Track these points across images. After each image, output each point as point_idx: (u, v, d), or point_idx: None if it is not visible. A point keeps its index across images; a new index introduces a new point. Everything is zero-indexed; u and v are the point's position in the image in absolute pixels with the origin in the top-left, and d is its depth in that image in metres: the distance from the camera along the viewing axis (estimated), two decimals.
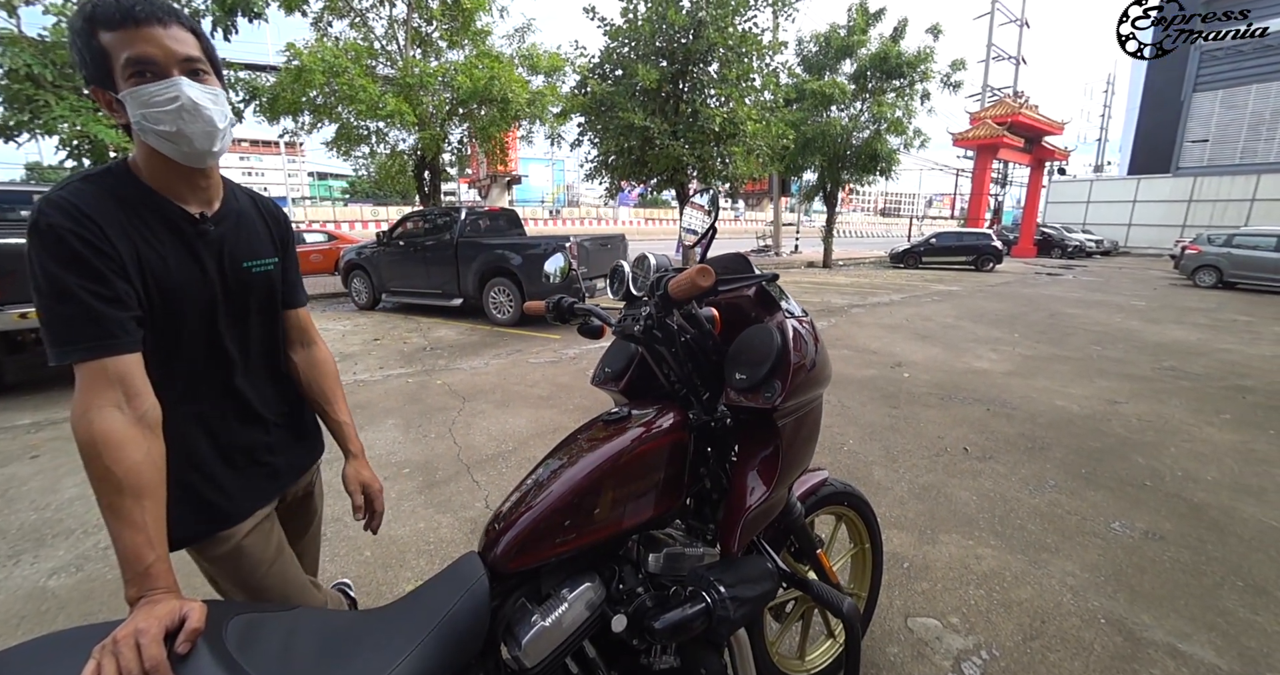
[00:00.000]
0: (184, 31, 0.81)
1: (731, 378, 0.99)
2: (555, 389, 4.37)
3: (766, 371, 0.93)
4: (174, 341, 0.88)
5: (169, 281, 0.85)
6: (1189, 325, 7.53)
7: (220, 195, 0.95)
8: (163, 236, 0.84)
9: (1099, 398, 4.32)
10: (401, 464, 3.01)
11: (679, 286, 0.88)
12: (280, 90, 7.99)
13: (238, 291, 0.95)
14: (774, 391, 0.92)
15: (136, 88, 0.77)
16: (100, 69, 0.77)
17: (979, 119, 19.26)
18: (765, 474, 0.99)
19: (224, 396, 0.97)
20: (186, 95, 0.80)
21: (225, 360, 0.96)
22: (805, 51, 14.15)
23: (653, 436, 0.98)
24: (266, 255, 1.01)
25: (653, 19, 9.65)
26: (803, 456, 1.06)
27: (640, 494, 0.96)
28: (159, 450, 0.78)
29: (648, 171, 10.89)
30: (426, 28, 9.70)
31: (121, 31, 0.76)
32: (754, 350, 0.96)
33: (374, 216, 33.76)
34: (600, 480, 0.91)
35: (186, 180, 0.88)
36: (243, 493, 0.99)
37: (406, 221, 8.01)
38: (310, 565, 1.28)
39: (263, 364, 1.04)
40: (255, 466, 1.02)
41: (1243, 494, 2.79)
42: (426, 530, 2.36)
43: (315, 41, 8.25)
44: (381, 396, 4.17)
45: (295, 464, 1.12)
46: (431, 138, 9.08)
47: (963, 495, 2.76)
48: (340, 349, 5.66)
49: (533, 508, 0.88)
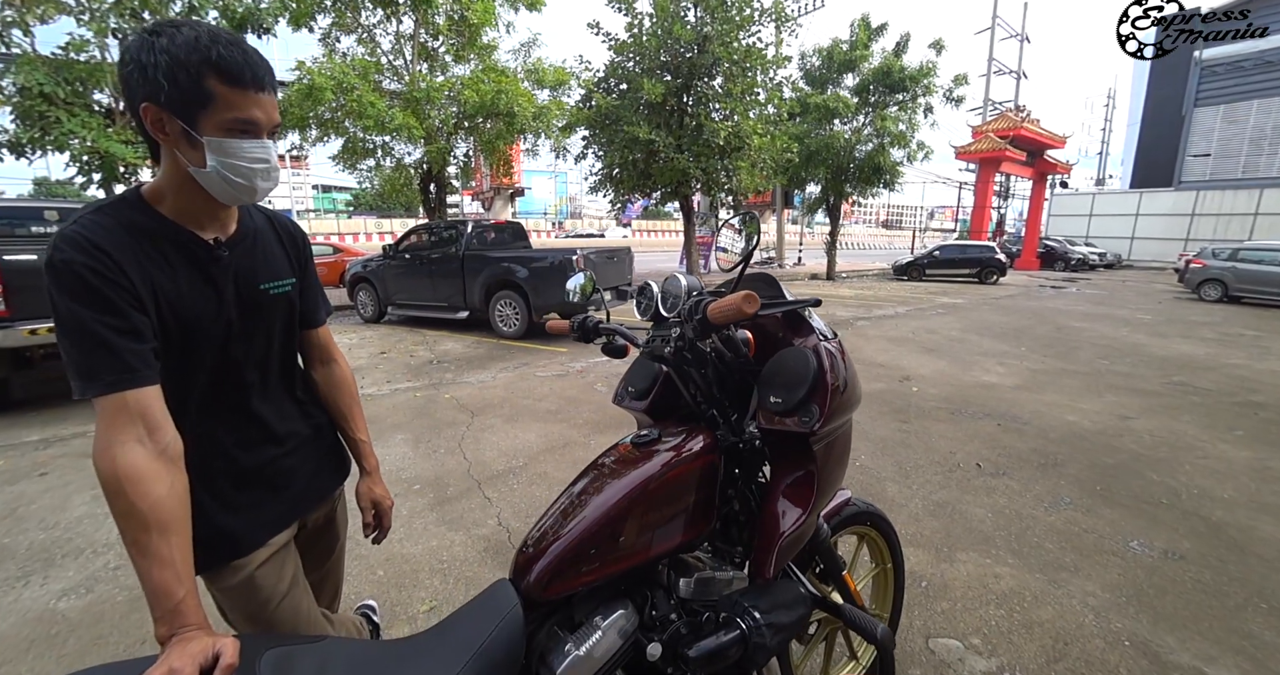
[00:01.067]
0: (276, 98, 0.86)
1: (765, 400, 0.98)
2: (563, 403, 4.36)
3: (803, 395, 0.92)
4: (190, 368, 0.88)
5: (185, 310, 0.84)
6: (1196, 340, 7.49)
7: (235, 218, 0.94)
8: (177, 264, 0.84)
9: (1110, 413, 4.29)
10: (412, 480, 3.00)
11: (720, 312, 0.87)
12: (289, 106, 8.11)
13: (254, 314, 0.94)
14: (812, 416, 0.91)
15: (231, 140, 0.79)
16: (187, 103, 0.76)
17: (981, 132, 19.40)
18: (800, 498, 0.98)
19: (242, 420, 0.96)
20: (274, 160, 0.86)
21: (242, 383, 0.94)
22: (808, 66, 14.32)
23: (683, 460, 0.97)
24: (284, 276, 1.00)
25: (658, 34, 9.80)
26: (836, 480, 1.05)
27: (672, 519, 0.96)
28: (182, 483, 0.77)
29: (652, 184, 10.98)
30: (433, 43, 9.86)
31: (239, 90, 0.78)
32: (789, 373, 0.96)
33: (378, 229, 34.01)
34: (632, 506, 0.90)
35: (209, 211, 0.89)
36: (258, 520, 0.97)
37: (413, 234, 8.04)
38: (330, 595, 1.26)
39: (282, 385, 1.03)
40: (272, 492, 0.99)
41: (1261, 513, 2.75)
42: (439, 548, 2.34)
43: (324, 58, 8.40)
44: (389, 411, 4.16)
45: (316, 489, 1.09)
46: (438, 151, 9.19)
47: (978, 512, 2.73)
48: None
49: (565, 535, 0.87)
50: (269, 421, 0.99)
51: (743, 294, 0.84)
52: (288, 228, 1.06)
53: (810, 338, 1.02)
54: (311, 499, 1.09)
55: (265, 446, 0.99)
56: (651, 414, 1.27)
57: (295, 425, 1.04)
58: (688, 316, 0.97)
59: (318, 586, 1.17)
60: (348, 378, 1.18)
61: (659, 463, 0.96)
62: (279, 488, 1.00)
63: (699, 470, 0.98)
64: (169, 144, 0.80)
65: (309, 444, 1.07)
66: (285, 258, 1.02)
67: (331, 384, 1.15)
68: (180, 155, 0.80)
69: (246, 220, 0.97)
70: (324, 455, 1.12)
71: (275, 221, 1.04)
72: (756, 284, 1.08)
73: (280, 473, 1.01)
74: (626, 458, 1.00)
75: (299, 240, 1.07)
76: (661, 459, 0.97)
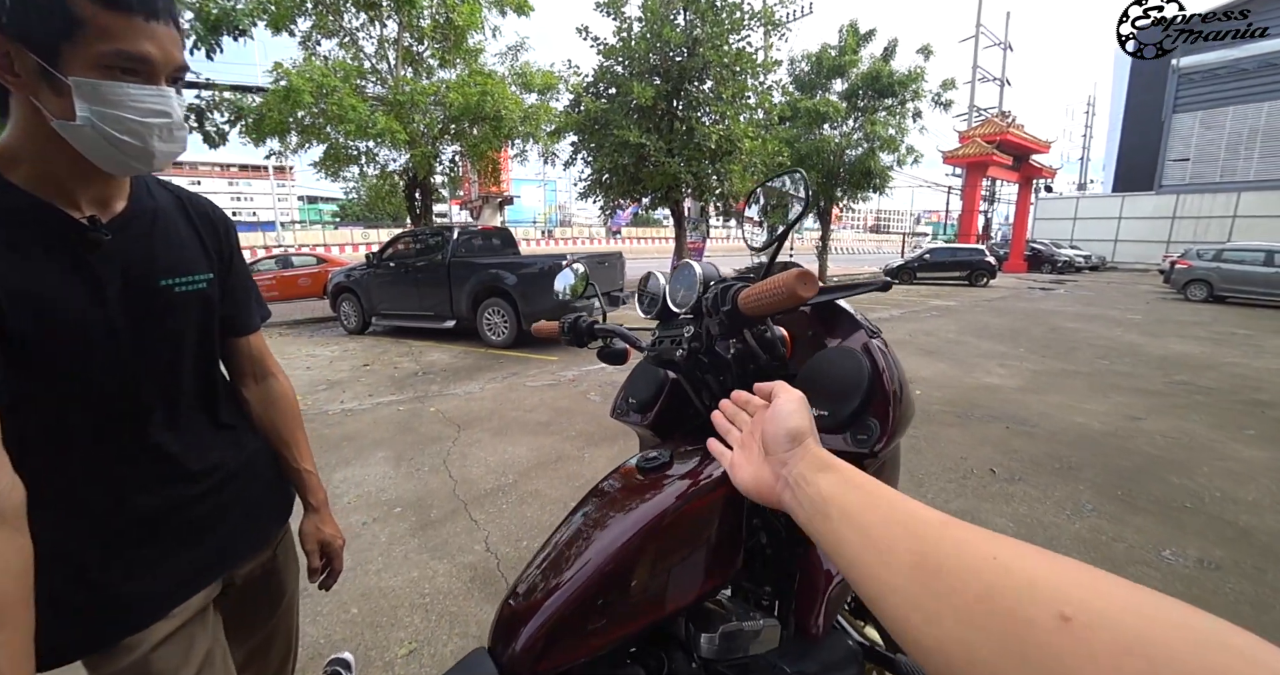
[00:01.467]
0: (178, 34, 0.66)
1: None
2: (554, 414, 4.15)
3: (857, 407, 0.73)
4: (62, 388, 0.67)
5: (44, 311, 0.64)
6: (1190, 339, 7.47)
7: (126, 193, 0.74)
8: (32, 251, 0.64)
9: (1118, 413, 4.18)
10: (392, 502, 2.77)
11: (759, 300, 0.67)
12: (267, 110, 7.87)
13: (153, 318, 0.74)
14: (871, 433, 0.72)
15: (111, 82, 0.61)
16: (45, 31, 0.57)
17: (968, 137, 19.60)
18: None
19: (138, 453, 0.74)
20: (177, 114, 0.68)
21: (138, 408, 0.73)
22: (797, 70, 14.36)
23: (702, 488, 0.78)
24: (195, 270, 0.79)
25: (647, 37, 9.71)
26: None
27: (691, 562, 0.77)
28: (17, 549, 0.57)
29: (642, 189, 10.86)
30: (418, 47, 9.68)
31: (122, 14, 0.59)
32: (835, 379, 0.77)
33: (365, 239, 33.67)
34: (643, 548, 0.71)
35: (83, 182, 0.68)
36: (160, 582, 0.75)
37: (397, 242, 7.86)
38: (279, 661, 1.03)
39: (199, 407, 0.82)
40: (182, 544, 0.77)
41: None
42: (421, 580, 2.12)
43: (304, 61, 8.17)
44: (371, 426, 3.93)
45: (247, 536, 0.87)
46: (423, 156, 8.99)
47: (999, 521, 2.58)
48: (328, 375, 5.42)
49: (562, 588, 0.68)
50: (178, 454, 0.77)
51: (796, 272, 0.63)
52: (205, 210, 0.85)
53: (856, 334, 0.84)
54: (239, 550, 0.86)
55: (172, 486, 0.77)
56: (656, 429, 1.08)
57: (217, 457, 0.83)
58: (711, 308, 0.76)
59: (260, 653, 0.96)
60: (287, 394, 0.98)
61: (673, 492, 0.77)
62: (192, 539, 0.78)
63: (721, 500, 0.79)
64: (20, 88, 0.60)
65: (236, 480, 0.85)
66: (199, 248, 0.81)
67: (268, 403, 0.95)
68: (39, 104, 0.60)
69: (143, 197, 0.76)
70: (259, 493, 0.90)
71: (188, 202, 0.83)
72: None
73: (194, 519, 0.79)
74: (632, 486, 0.81)
75: (220, 226, 0.86)
76: (676, 488, 0.78)
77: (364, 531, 2.46)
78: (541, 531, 2.46)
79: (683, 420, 1.10)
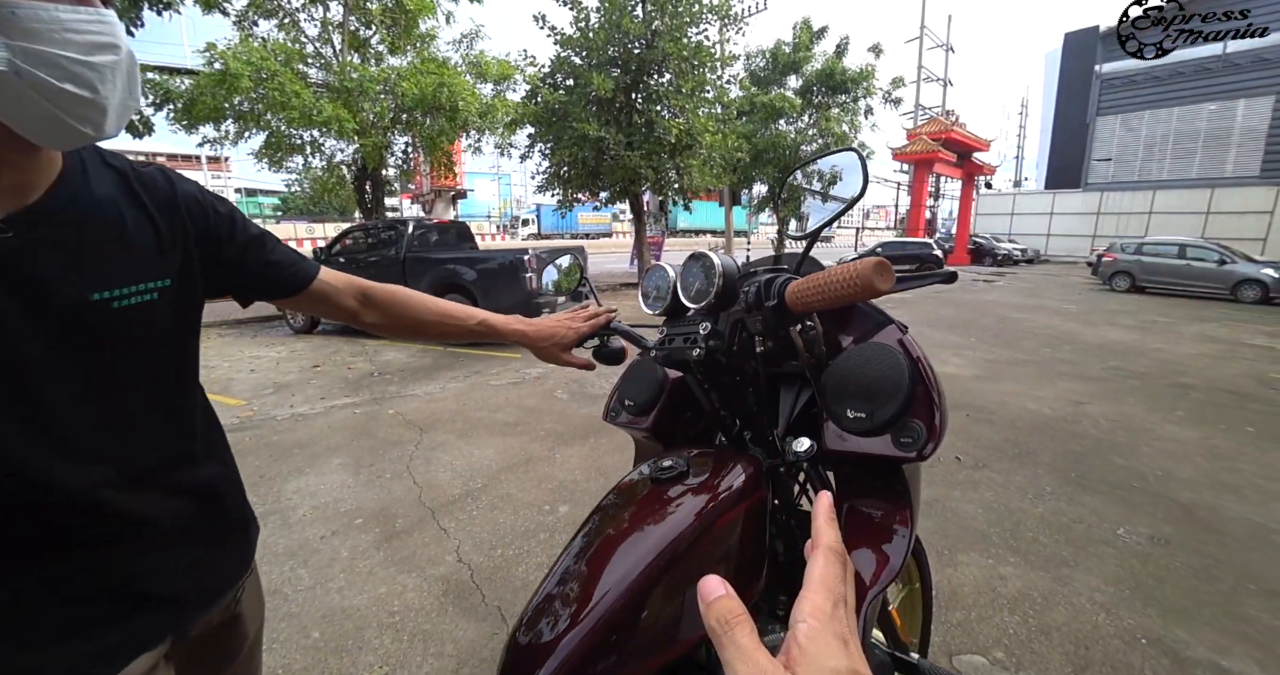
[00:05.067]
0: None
1: (839, 415, 0.74)
2: (521, 413, 4.02)
3: (898, 409, 0.68)
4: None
5: None
6: (1120, 327, 7.99)
7: (49, 177, 0.55)
8: None
9: (1065, 399, 4.40)
10: (352, 513, 2.59)
11: (827, 291, 0.60)
12: (199, 95, 7.28)
13: (83, 345, 0.56)
14: (916, 437, 0.67)
15: (35, 3, 0.44)
16: None
17: (916, 135, 20.33)
18: (883, 546, 0.73)
19: (65, 505, 0.56)
20: (126, 47, 0.50)
21: (64, 452, 0.55)
22: (754, 66, 14.51)
23: (725, 502, 0.71)
24: (144, 276, 0.60)
25: (606, 27, 9.55)
26: (918, 511, 0.83)
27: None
28: None
29: (601, 183, 10.72)
30: (365, 32, 9.19)
31: None
32: (870, 379, 0.71)
33: (310, 234, 32.10)
34: (662, 579, 0.63)
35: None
36: (89, 650, 0.59)
37: (346, 236, 7.49)
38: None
39: (148, 445, 0.63)
40: (122, 606, 0.62)
41: (1223, 491, 2.84)
42: (388, 596, 1.97)
43: (239, 42, 7.58)
44: (325, 432, 3.69)
45: (203, 589, 0.71)
46: (373, 147, 8.55)
47: (968, 508, 2.65)
48: (275, 378, 5.08)
49: (576, 625, 0.60)
50: (121, 504, 0.61)
51: (874, 262, 0.57)
52: (165, 191, 0.65)
53: (887, 329, 0.79)
54: (192, 606, 0.70)
55: (113, 539, 0.61)
56: (656, 432, 1.01)
57: (169, 503, 0.66)
58: (754, 303, 0.68)
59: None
60: (396, 291, 0.90)
61: (691, 509, 0.70)
62: (132, 598, 0.63)
63: (744, 514, 0.72)
64: None
65: (193, 524, 0.69)
66: (154, 243, 0.62)
67: (390, 309, 0.88)
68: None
69: (73, 183, 0.57)
70: (220, 535, 0.74)
71: (139, 182, 0.63)
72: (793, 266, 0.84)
73: (135, 576, 0.63)
74: (645, 502, 0.73)
75: (196, 209, 0.67)
76: (694, 504, 0.71)
77: (323, 546, 2.28)
78: (516, 538, 2.35)
79: (684, 423, 1.03)
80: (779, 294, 0.63)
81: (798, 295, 0.59)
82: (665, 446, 1.02)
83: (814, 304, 0.62)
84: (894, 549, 0.72)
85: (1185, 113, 24.93)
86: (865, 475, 0.80)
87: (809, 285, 0.59)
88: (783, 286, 0.64)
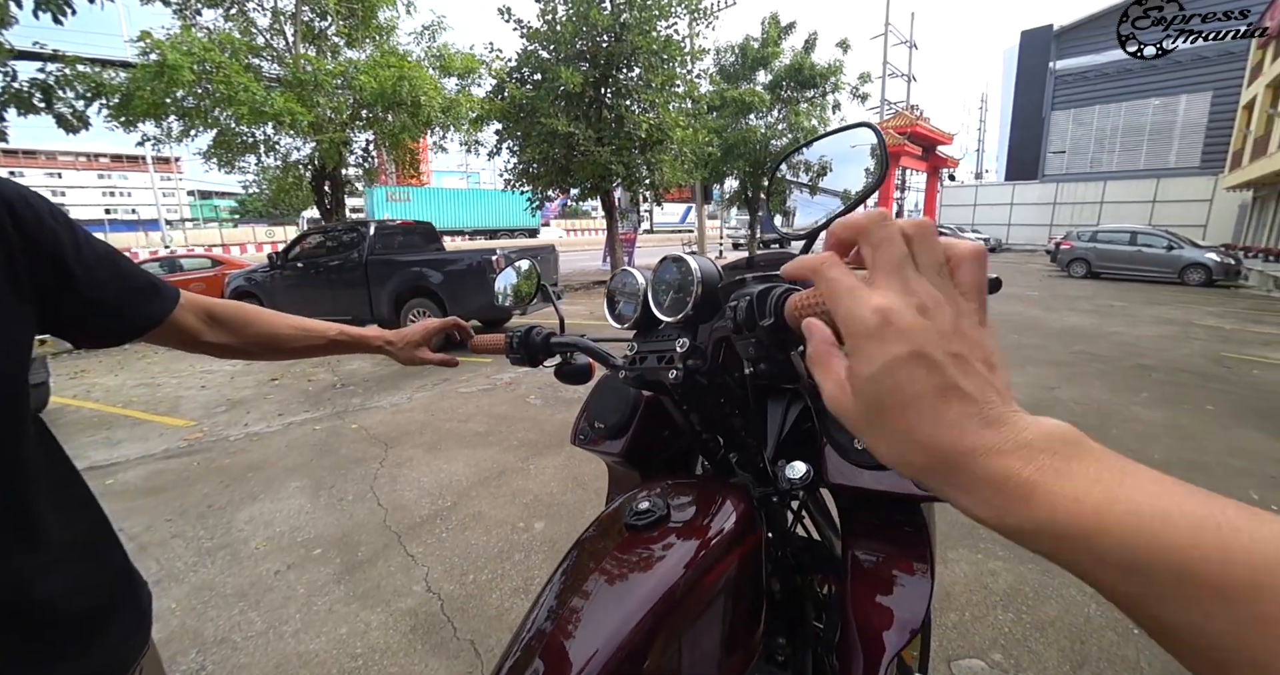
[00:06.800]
0: None
1: (843, 444, 0.63)
2: (493, 422, 3.86)
3: None
4: None
5: None
6: (1080, 312, 8.27)
7: None
8: None
9: (1037, 385, 4.49)
10: (310, 542, 2.40)
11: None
12: (135, 89, 6.80)
13: None
14: None
15: None
16: None
17: (883, 128, 20.68)
18: (898, 593, 0.63)
19: None
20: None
21: None
22: (723, 61, 14.48)
23: (714, 552, 0.61)
24: None
25: (573, 19, 9.33)
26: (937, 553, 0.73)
27: (706, 648, 0.59)
28: None
29: (571, 180, 10.53)
30: (320, 23, 8.77)
31: None
32: None
33: (270, 238, 30.96)
34: (650, 642, 0.53)
35: None
36: None
37: (305, 239, 7.14)
38: None
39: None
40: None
41: (1193, 471, 2.90)
42: (350, 638, 1.81)
43: (180, 31, 7.09)
44: (282, 451, 3.46)
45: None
46: (331, 144, 8.18)
47: None
48: (228, 394, 4.78)
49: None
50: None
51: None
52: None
53: None
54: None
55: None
56: (629, 457, 0.89)
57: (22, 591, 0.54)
58: (744, 323, 0.54)
59: None
60: (241, 309, 0.80)
61: (679, 560, 0.59)
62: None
63: (739, 561, 0.62)
64: None
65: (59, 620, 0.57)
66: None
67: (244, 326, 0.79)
68: None
69: None
70: (93, 630, 0.62)
71: None
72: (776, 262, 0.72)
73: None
74: (625, 548, 0.62)
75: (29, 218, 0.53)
76: (681, 553, 0.60)
77: (276, 583, 2.10)
78: (489, 561, 2.21)
79: (662, 442, 0.92)
80: (776, 310, 0.50)
81: (802, 311, 0.45)
82: (641, 472, 0.91)
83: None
84: (912, 602, 0.63)
85: (1133, 107, 26.06)
86: (874, 513, 0.70)
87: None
88: (781, 301, 0.50)
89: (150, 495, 2.87)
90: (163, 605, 1.89)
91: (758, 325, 0.50)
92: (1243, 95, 20.96)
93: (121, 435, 3.82)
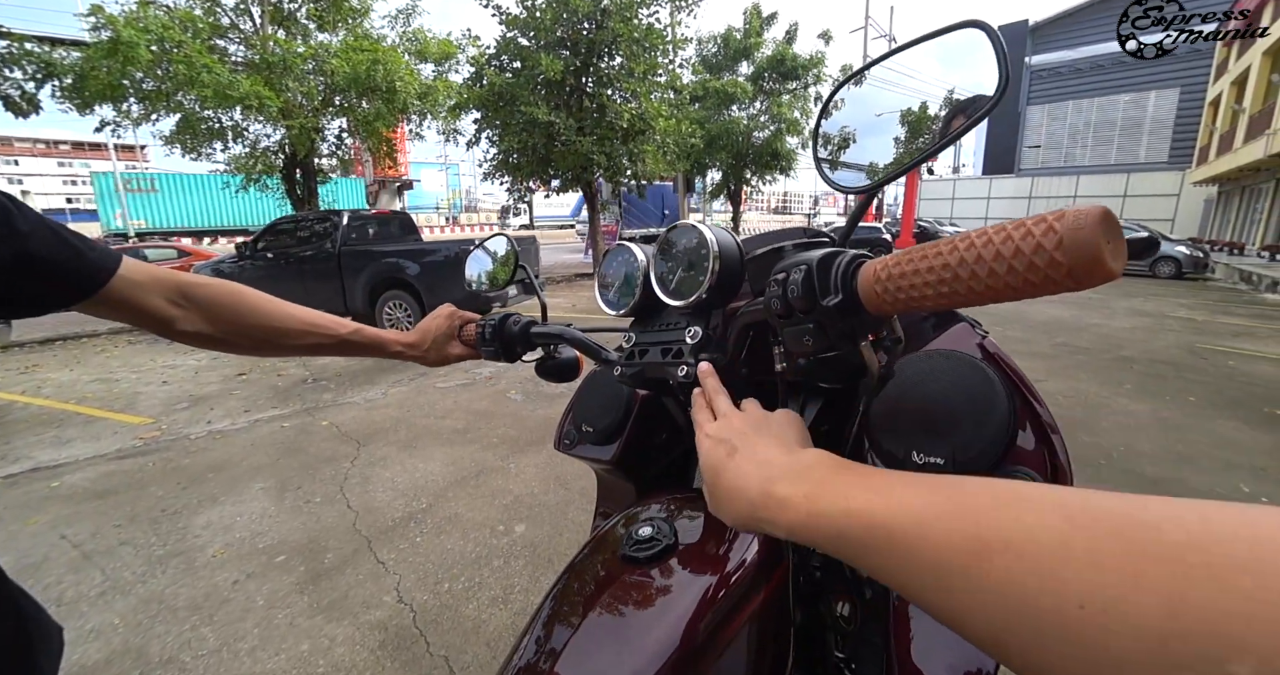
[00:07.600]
0: None
1: (896, 457, 0.50)
2: (472, 418, 3.71)
3: (997, 452, 0.44)
4: None
5: None
6: (1059, 304, 8.39)
7: None
8: None
9: None
10: (273, 549, 2.24)
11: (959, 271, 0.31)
12: (89, 69, 6.40)
13: None
14: None
15: None
16: None
17: None
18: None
19: None
20: None
21: None
22: (705, 52, 14.35)
23: (735, 592, 0.49)
24: None
25: (554, 6, 9.09)
26: None
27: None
28: None
29: (552, 170, 10.31)
30: (290, 4, 8.40)
31: None
32: (943, 406, 0.48)
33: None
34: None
35: None
36: None
37: (274, 230, 6.86)
38: None
39: None
40: None
41: (1182, 464, 2.90)
42: (312, 655, 1.67)
43: (137, 7, 6.68)
44: (246, 450, 3.27)
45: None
46: (302, 130, 7.86)
47: None
48: (191, 390, 4.54)
49: None
50: None
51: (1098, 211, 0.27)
52: None
53: (956, 329, 0.55)
54: None
55: None
56: (622, 465, 0.77)
57: None
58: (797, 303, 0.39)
59: None
60: (237, 289, 0.67)
61: (692, 598, 0.48)
62: None
63: (762, 605, 0.50)
64: None
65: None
66: None
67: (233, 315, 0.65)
68: None
69: None
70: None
71: None
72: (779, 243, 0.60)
73: None
74: (625, 586, 0.51)
75: None
76: (694, 590, 0.49)
77: (234, 594, 1.94)
78: (466, 567, 2.08)
79: (659, 447, 0.81)
80: (846, 284, 0.37)
81: (888, 285, 0.31)
82: (635, 484, 0.79)
83: (920, 300, 0.34)
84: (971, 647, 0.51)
85: (1104, 103, 26.61)
86: None
87: (911, 265, 0.31)
88: (853, 271, 0.37)
89: (99, 499, 2.67)
90: (104, 621, 1.73)
91: (818, 305, 0.38)
92: (1209, 92, 21.54)
93: (72, 434, 3.59)
